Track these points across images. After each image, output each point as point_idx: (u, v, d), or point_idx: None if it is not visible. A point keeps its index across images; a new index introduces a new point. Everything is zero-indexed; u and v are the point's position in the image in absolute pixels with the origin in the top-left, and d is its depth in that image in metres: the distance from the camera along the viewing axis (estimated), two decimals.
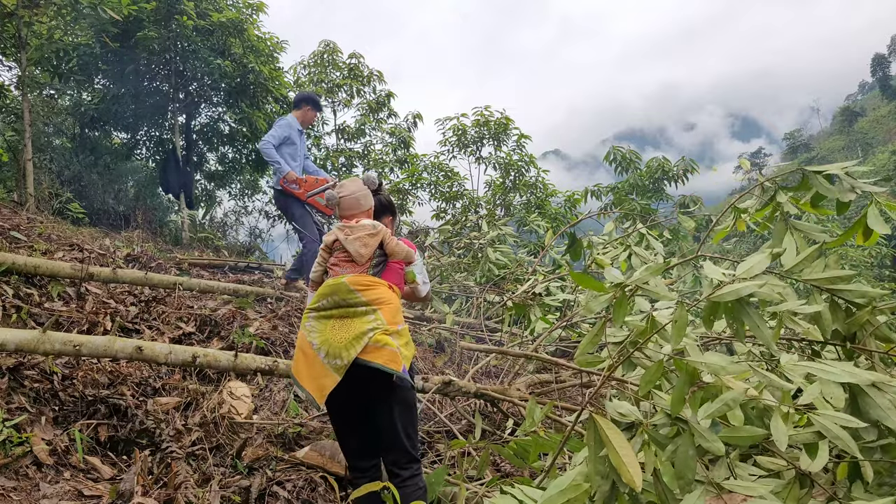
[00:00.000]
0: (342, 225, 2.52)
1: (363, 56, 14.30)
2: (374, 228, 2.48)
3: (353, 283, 2.33)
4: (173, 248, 9.15)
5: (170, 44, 10.01)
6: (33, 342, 2.88)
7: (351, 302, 2.29)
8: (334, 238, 2.50)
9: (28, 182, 8.08)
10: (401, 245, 2.51)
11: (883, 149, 70.88)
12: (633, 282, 1.85)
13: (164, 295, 5.05)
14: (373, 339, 2.21)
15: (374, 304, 2.29)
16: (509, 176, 12.51)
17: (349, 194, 2.57)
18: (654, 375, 1.71)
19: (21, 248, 5.10)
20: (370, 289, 2.33)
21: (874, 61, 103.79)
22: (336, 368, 2.19)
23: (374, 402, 2.31)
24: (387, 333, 2.24)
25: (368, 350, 2.20)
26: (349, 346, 2.20)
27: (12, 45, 8.82)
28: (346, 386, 2.23)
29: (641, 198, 11.29)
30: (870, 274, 16.62)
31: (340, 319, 2.28)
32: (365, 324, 2.24)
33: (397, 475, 2.27)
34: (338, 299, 2.30)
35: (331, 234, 2.53)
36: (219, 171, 13.72)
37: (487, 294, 6.67)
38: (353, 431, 2.42)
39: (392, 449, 2.31)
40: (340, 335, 2.23)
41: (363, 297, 2.30)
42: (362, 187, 2.63)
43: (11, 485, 2.45)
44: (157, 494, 2.56)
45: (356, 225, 2.50)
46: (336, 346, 2.21)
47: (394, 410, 2.28)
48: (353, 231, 2.46)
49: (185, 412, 3.42)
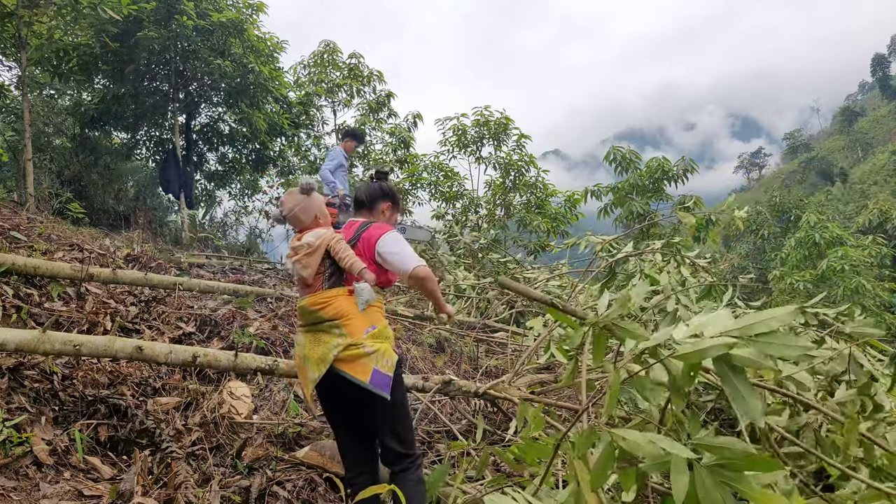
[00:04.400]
0: (290, 244, 2.51)
1: (363, 56, 14.32)
2: (310, 246, 2.40)
3: (311, 304, 2.39)
4: (173, 248, 9.15)
5: (170, 44, 10.01)
6: (33, 342, 2.88)
7: (316, 320, 2.38)
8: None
9: (28, 182, 8.09)
10: (345, 257, 2.36)
11: (883, 149, 70.90)
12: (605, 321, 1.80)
13: (164, 295, 5.05)
14: (339, 354, 2.30)
15: (336, 318, 2.34)
16: (509, 176, 12.50)
17: (289, 212, 2.50)
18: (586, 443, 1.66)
19: (21, 249, 5.10)
20: (328, 305, 2.36)
21: (874, 61, 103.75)
22: (312, 381, 2.34)
23: (358, 405, 2.40)
24: (354, 346, 2.31)
25: (339, 361, 2.31)
26: (318, 361, 2.32)
27: (12, 45, 8.83)
28: (333, 392, 2.41)
29: (641, 198, 11.29)
30: (870, 274, 16.63)
31: (314, 335, 2.38)
32: (331, 338, 2.33)
33: (390, 470, 2.38)
34: (308, 318, 2.41)
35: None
36: (219, 171, 13.71)
37: (488, 293, 6.67)
38: (344, 432, 2.51)
39: (382, 448, 2.41)
40: (313, 350, 2.35)
41: (324, 315, 2.36)
42: (300, 198, 2.50)
43: (11, 485, 2.45)
44: (157, 494, 2.56)
45: (298, 244, 2.44)
46: (311, 360, 2.35)
47: (376, 412, 2.36)
48: (296, 251, 2.43)
49: (185, 412, 3.42)
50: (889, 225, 24.79)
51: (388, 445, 2.36)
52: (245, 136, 12.29)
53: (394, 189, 2.77)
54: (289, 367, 3.47)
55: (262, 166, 13.76)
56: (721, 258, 20.06)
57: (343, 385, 2.32)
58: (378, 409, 2.34)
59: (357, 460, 2.47)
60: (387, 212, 2.69)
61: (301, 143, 14.47)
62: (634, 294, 1.79)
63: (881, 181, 59.01)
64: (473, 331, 5.83)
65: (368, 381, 2.26)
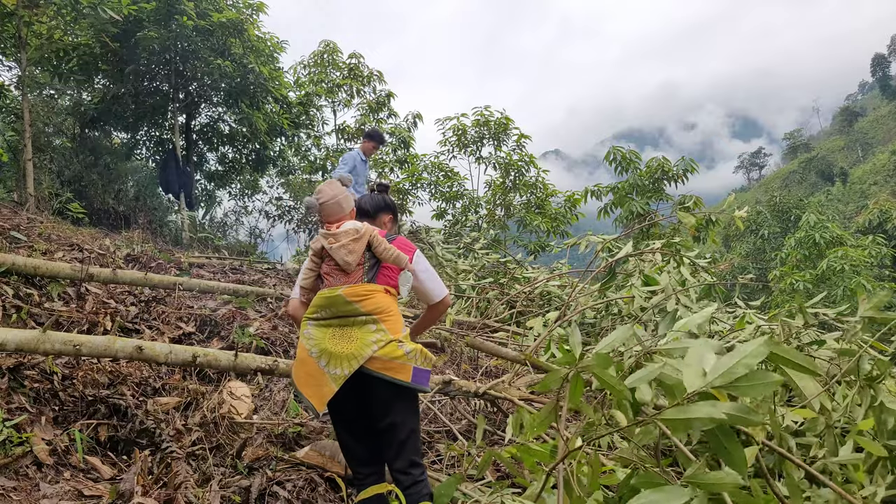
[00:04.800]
0: (325, 232, 2.41)
1: (363, 56, 14.32)
2: (357, 232, 2.36)
3: (350, 294, 2.27)
4: (173, 248, 9.15)
5: (170, 44, 10.01)
6: (33, 342, 2.88)
7: (349, 312, 2.26)
8: (321, 245, 2.39)
9: (28, 182, 8.09)
10: (390, 248, 2.37)
11: (883, 149, 70.92)
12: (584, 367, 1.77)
13: (164, 295, 5.05)
14: (378, 352, 2.19)
15: (375, 314, 2.25)
16: (509, 176, 12.51)
17: (330, 199, 2.47)
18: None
19: (21, 249, 5.10)
20: (367, 298, 2.27)
21: (874, 61, 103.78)
22: (335, 378, 2.18)
23: (378, 410, 2.28)
24: (392, 344, 2.22)
25: (375, 362, 2.19)
26: (351, 357, 2.19)
27: (12, 45, 8.83)
28: (350, 394, 2.23)
29: (641, 198, 11.29)
30: (870, 274, 16.63)
31: (340, 329, 2.25)
32: (367, 334, 2.22)
33: (401, 481, 2.25)
34: (335, 310, 2.27)
35: (317, 240, 2.42)
36: (219, 171, 13.72)
37: (489, 293, 6.67)
38: (356, 437, 2.40)
39: (397, 457, 2.28)
40: (342, 346, 2.21)
41: (362, 308, 2.25)
42: (341, 189, 2.51)
43: (11, 485, 2.45)
44: (157, 494, 2.56)
45: (339, 231, 2.38)
46: (337, 357, 2.20)
47: (397, 419, 2.26)
48: (338, 238, 2.35)
49: (185, 412, 3.42)
50: (889, 225, 24.79)
51: (402, 454, 2.25)
52: (245, 136, 12.29)
53: (394, 202, 2.86)
54: (289, 367, 3.46)
55: (262, 166, 13.76)
56: (721, 258, 20.06)
57: (369, 385, 2.22)
58: (399, 416, 2.25)
59: (366, 461, 2.40)
60: (388, 223, 2.76)
61: (301, 143, 14.48)
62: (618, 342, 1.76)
63: (881, 181, 59.00)
64: (474, 330, 5.83)
65: (410, 381, 2.19)
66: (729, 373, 1.50)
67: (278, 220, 13.53)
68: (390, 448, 2.28)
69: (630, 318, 4.87)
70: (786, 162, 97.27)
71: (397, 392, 2.24)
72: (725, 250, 28.20)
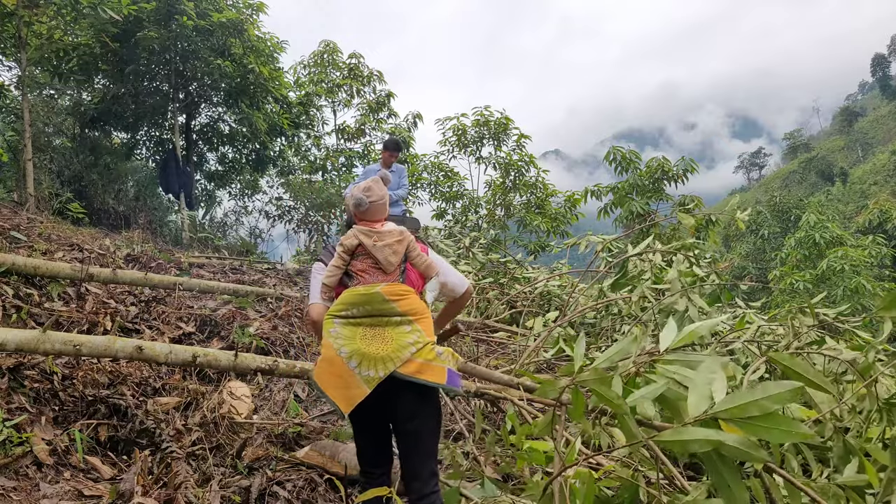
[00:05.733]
0: (368, 230, 2.37)
1: (363, 56, 14.32)
2: (401, 235, 2.37)
3: (389, 293, 2.23)
4: (173, 248, 9.15)
5: (170, 44, 10.01)
6: (33, 342, 2.88)
7: (385, 312, 2.21)
8: (357, 242, 2.34)
9: (28, 182, 8.09)
10: (423, 256, 2.39)
11: (883, 149, 70.89)
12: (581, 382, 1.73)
13: (164, 295, 5.05)
14: (416, 354, 2.16)
15: (410, 314, 2.22)
16: (509, 176, 12.50)
17: (378, 199, 2.43)
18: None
19: (21, 249, 5.10)
20: (404, 298, 2.24)
21: (874, 61, 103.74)
22: (367, 380, 2.12)
23: (404, 413, 2.24)
24: (428, 346, 2.20)
25: (410, 364, 2.15)
26: (387, 359, 2.14)
27: (12, 45, 8.83)
28: (375, 397, 2.16)
29: (641, 198, 11.28)
30: (869, 274, 16.63)
31: (371, 328, 2.20)
32: (402, 336, 2.18)
33: (417, 489, 2.21)
34: (370, 309, 2.22)
35: (351, 237, 2.37)
36: (219, 171, 13.72)
37: (489, 293, 6.67)
38: (373, 439, 2.37)
39: (417, 460, 2.24)
40: (375, 346, 2.16)
41: (398, 308, 2.22)
42: (386, 191, 2.50)
43: (11, 485, 2.45)
44: (157, 494, 2.56)
45: (384, 230, 2.37)
46: (371, 358, 2.14)
47: (423, 422, 2.23)
48: (382, 237, 2.34)
49: (185, 412, 3.42)
50: (889, 225, 24.78)
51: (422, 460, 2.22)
52: (245, 136, 12.29)
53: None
54: (289, 368, 3.46)
55: (262, 166, 13.76)
56: (721, 258, 20.06)
57: (396, 386, 2.16)
58: (425, 422, 2.23)
59: (379, 462, 2.38)
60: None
61: (301, 143, 14.48)
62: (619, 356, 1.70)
63: (881, 181, 58.97)
64: (473, 330, 5.84)
65: (446, 382, 2.16)
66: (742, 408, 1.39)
67: (278, 220, 13.52)
68: (413, 451, 2.24)
69: (630, 318, 4.87)
70: (786, 162, 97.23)
71: (424, 394, 2.21)
72: (725, 250, 28.20)
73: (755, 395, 1.39)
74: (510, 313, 6.44)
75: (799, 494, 1.87)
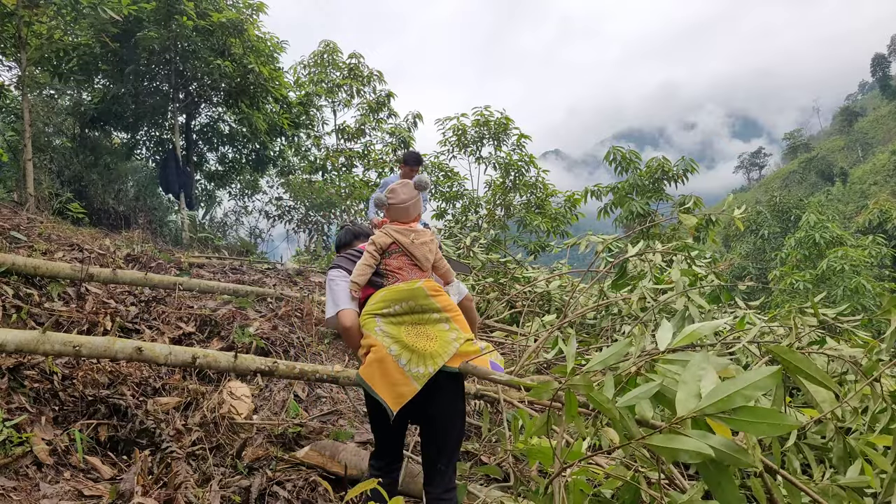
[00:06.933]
0: (403, 229, 2.40)
1: (363, 56, 14.33)
2: (431, 235, 2.46)
3: (430, 288, 2.28)
4: (173, 248, 9.15)
5: (170, 44, 10.01)
6: (33, 342, 2.88)
7: (426, 308, 2.26)
8: (391, 241, 2.36)
9: (28, 182, 8.09)
10: (445, 261, 2.49)
11: (883, 149, 70.90)
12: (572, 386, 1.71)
13: (164, 295, 5.05)
14: (460, 349, 2.20)
15: (446, 311, 2.28)
16: (509, 176, 12.51)
17: (405, 202, 2.45)
18: None
19: (21, 249, 5.10)
20: (441, 295, 2.30)
21: (874, 61, 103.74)
22: (417, 377, 2.14)
23: (441, 410, 2.25)
24: (469, 341, 2.26)
25: (456, 359, 2.20)
26: (435, 355, 2.16)
27: (12, 45, 8.82)
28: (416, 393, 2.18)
29: (641, 198, 11.28)
30: (869, 274, 16.63)
31: (413, 326, 2.23)
32: (443, 332, 2.23)
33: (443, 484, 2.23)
34: (413, 305, 2.25)
35: (385, 236, 2.38)
36: (219, 171, 13.72)
37: (488, 293, 6.67)
38: (395, 436, 2.38)
39: (445, 458, 2.25)
40: (423, 343, 2.19)
41: (437, 304, 2.26)
42: (415, 193, 2.51)
43: (11, 485, 2.45)
44: (157, 494, 2.56)
45: (419, 230, 2.43)
46: (420, 355, 2.16)
47: (456, 420, 2.28)
48: (419, 236, 2.40)
49: (185, 412, 3.42)
50: (889, 225, 24.80)
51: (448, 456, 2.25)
52: (245, 136, 12.30)
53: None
54: (288, 369, 3.46)
55: (262, 166, 13.77)
56: (721, 258, 20.06)
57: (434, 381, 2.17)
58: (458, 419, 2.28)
59: (395, 456, 2.41)
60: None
61: (301, 143, 14.48)
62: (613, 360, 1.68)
63: (881, 181, 58.98)
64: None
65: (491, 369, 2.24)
66: (726, 401, 1.36)
67: (278, 220, 13.53)
68: (444, 445, 2.26)
69: (630, 319, 4.87)
70: (786, 162, 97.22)
71: (459, 391, 2.27)
72: (725, 250, 28.21)
73: (737, 385, 1.37)
74: (510, 313, 6.44)
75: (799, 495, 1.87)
